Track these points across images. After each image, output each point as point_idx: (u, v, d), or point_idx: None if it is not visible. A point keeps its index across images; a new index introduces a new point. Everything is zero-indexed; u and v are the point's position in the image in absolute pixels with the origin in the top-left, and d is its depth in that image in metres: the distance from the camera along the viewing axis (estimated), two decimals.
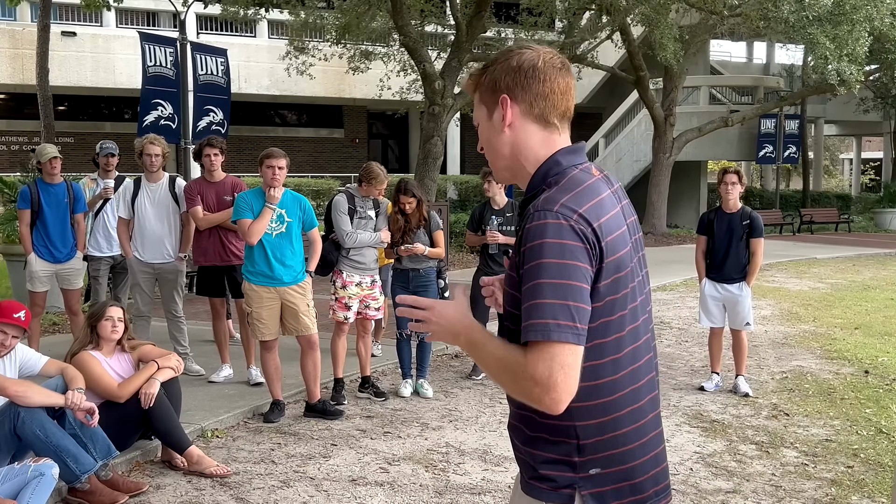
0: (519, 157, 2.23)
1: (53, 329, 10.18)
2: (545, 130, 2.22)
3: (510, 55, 2.22)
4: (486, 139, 2.28)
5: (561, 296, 1.99)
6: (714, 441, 6.54)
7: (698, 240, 8.20)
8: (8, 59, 27.42)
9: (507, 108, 2.20)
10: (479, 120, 2.29)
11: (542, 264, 2.01)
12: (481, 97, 2.26)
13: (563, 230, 2.03)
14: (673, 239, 25.45)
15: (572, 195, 2.09)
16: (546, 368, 1.97)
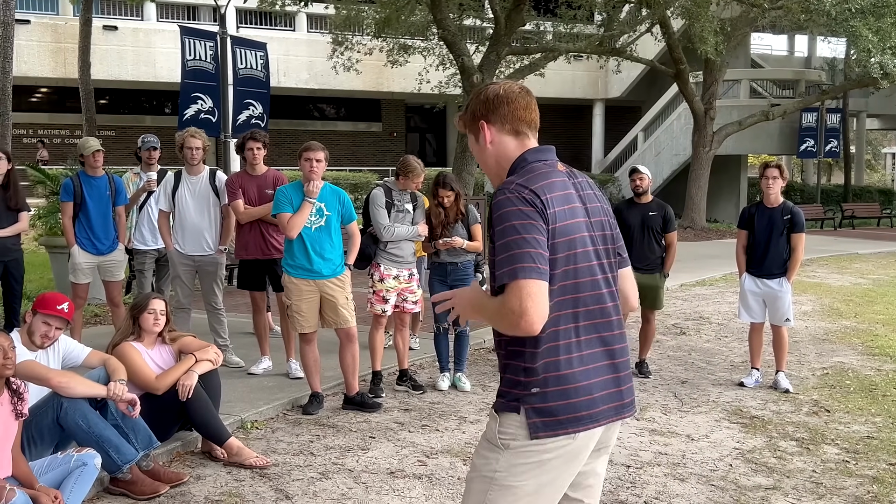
0: (502, 163, 2.93)
1: (95, 320, 10.30)
2: (517, 139, 2.92)
3: (480, 91, 2.96)
4: (479, 157, 3.00)
5: (522, 246, 2.63)
6: (754, 437, 6.49)
7: (739, 234, 8.13)
8: (50, 53, 27.76)
9: (486, 130, 2.92)
10: (471, 146, 3.03)
11: (505, 227, 2.68)
12: (468, 128, 2.98)
13: (517, 200, 2.69)
14: (712, 233, 25.27)
15: (526, 178, 2.77)
16: (517, 300, 2.59)
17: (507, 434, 2.74)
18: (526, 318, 2.58)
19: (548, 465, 2.72)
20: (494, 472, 2.76)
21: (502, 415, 2.76)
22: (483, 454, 2.80)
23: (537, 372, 2.71)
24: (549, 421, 2.69)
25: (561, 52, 21.84)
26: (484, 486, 2.78)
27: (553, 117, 39.21)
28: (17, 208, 7.66)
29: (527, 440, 2.70)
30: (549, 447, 2.71)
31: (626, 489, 5.40)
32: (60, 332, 5.36)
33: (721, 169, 29.02)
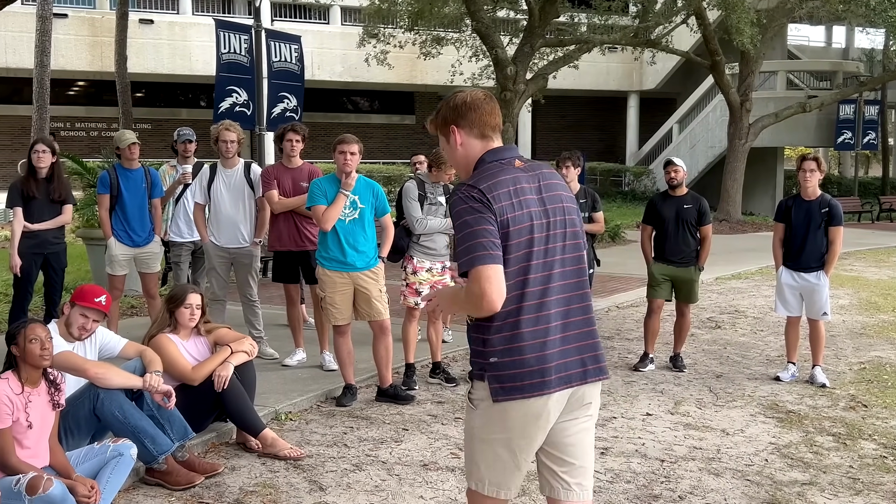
0: (470, 162, 3.31)
1: (132, 312, 10.40)
2: (482, 141, 3.30)
3: (450, 99, 3.34)
4: (450, 157, 3.40)
5: (477, 237, 3.03)
6: (790, 432, 6.44)
7: (776, 227, 8.06)
8: (87, 46, 28.02)
9: (456, 134, 3.30)
10: (442, 146, 3.42)
11: (460, 223, 3.09)
12: (439, 131, 3.37)
13: (467, 199, 3.11)
14: (748, 226, 25.06)
15: (476, 179, 3.17)
16: (478, 285, 3.01)
17: (476, 397, 3.23)
18: (486, 299, 3.00)
19: (511, 423, 3.17)
20: (473, 428, 3.27)
21: (473, 381, 3.26)
22: (467, 415, 3.32)
23: (494, 343, 3.12)
24: (506, 386, 3.11)
25: (595, 44, 21.75)
26: (469, 441, 3.31)
27: (587, 109, 39.11)
28: (61, 200, 7.71)
29: (490, 403, 3.15)
30: (509, 408, 3.13)
31: (661, 483, 5.38)
32: (98, 325, 5.41)
33: (757, 161, 28.77)
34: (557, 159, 8.34)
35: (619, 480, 5.42)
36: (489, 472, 3.26)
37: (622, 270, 14.40)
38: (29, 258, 7.55)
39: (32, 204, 7.57)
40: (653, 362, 8.33)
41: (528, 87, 19.42)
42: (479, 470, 3.27)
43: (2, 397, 4.36)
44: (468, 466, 3.34)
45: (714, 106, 30.90)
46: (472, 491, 3.34)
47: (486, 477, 3.27)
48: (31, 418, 4.46)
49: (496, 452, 3.22)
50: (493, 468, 3.25)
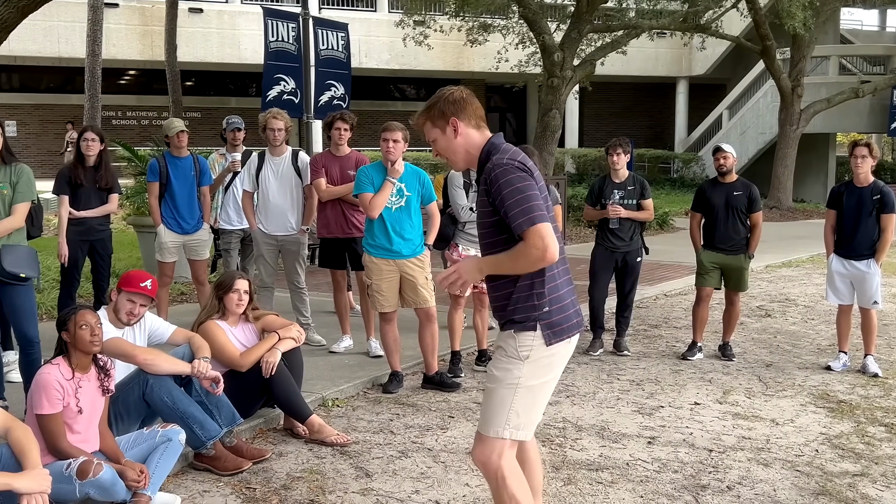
0: (471, 150, 3.69)
1: (181, 298, 10.51)
2: (478, 130, 3.71)
3: (444, 95, 3.70)
4: (446, 147, 3.72)
5: (529, 200, 3.43)
6: (841, 422, 6.34)
7: (827, 214, 7.94)
8: (138, 36, 28.30)
9: (457, 125, 3.67)
10: (434, 137, 3.73)
11: (511, 189, 3.44)
12: (434, 123, 3.70)
13: (513, 169, 3.49)
14: (799, 214, 24.72)
15: (510, 154, 3.57)
16: (540, 240, 3.39)
17: (525, 346, 3.57)
18: (549, 252, 3.39)
19: (553, 365, 3.65)
20: (518, 378, 3.58)
21: (520, 334, 3.57)
22: (504, 366, 3.61)
23: (546, 294, 3.56)
24: (556, 330, 3.58)
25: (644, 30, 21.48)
26: (509, 392, 3.59)
27: (635, 95, 38.77)
28: (107, 188, 7.77)
29: (542, 348, 3.57)
30: (555, 351, 3.61)
31: (709, 474, 5.33)
32: (145, 309, 5.46)
33: (808, 148, 28.32)
34: (607, 146, 8.28)
35: (666, 470, 5.38)
36: (526, 416, 3.63)
37: (670, 258, 14.28)
38: (76, 245, 7.62)
39: (80, 191, 7.62)
40: (701, 351, 8.26)
41: (575, 73, 19.26)
42: (519, 417, 3.61)
43: (52, 382, 4.43)
44: (501, 418, 3.60)
45: (765, 92, 30.44)
46: (499, 441, 3.63)
47: (523, 422, 3.63)
48: (81, 403, 4.53)
49: (536, 396, 3.64)
50: (531, 412, 3.65)
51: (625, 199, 8.14)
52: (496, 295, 3.69)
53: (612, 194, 8.15)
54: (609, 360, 8.12)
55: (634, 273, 8.38)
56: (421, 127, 3.78)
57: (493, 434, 3.63)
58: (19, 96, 30.34)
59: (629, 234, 8.22)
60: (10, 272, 5.70)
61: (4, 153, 5.79)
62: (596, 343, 8.38)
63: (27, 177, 5.88)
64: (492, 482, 3.70)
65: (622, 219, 8.13)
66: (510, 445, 3.66)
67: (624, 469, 5.39)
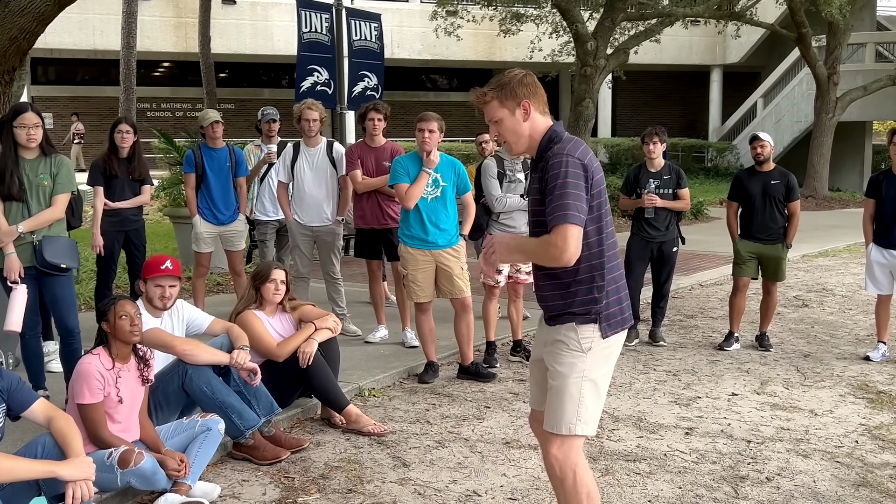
0: (535, 135, 3.63)
1: (218, 289, 10.58)
2: (543, 115, 3.66)
3: (516, 76, 3.66)
4: (511, 128, 3.64)
5: (571, 198, 3.39)
6: (881, 413, 6.28)
7: (866, 203, 7.85)
8: (172, 28, 28.48)
9: (529, 108, 3.61)
10: (500, 117, 3.64)
11: (560, 182, 3.42)
12: (502, 103, 3.63)
13: (572, 165, 3.45)
14: (835, 203, 24.47)
15: (571, 146, 3.51)
16: (563, 240, 3.36)
17: (587, 339, 3.55)
18: (568, 254, 3.38)
19: (610, 357, 3.64)
20: (583, 371, 3.55)
21: (580, 326, 3.55)
22: (568, 360, 3.57)
23: (606, 287, 3.56)
24: (612, 322, 3.58)
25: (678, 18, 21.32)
26: (576, 386, 3.55)
27: (669, 84, 38.51)
28: (140, 180, 7.85)
29: (601, 341, 3.56)
30: (611, 342, 3.61)
31: (747, 465, 5.29)
32: (176, 289, 5.45)
33: (845, 136, 28.00)
34: (643, 135, 8.22)
35: (704, 461, 5.35)
36: (594, 409, 3.61)
37: (705, 248, 14.18)
38: (111, 236, 7.70)
39: (114, 182, 7.70)
40: (738, 341, 8.19)
41: (608, 62, 19.16)
42: (588, 411, 3.57)
43: (93, 372, 4.47)
44: (571, 413, 3.55)
45: (800, 79, 30.15)
46: (572, 438, 3.59)
47: (592, 416, 3.60)
48: (121, 393, 4.57)
49: (598, 388, 3.62)
50: (596, 405, 3.62)
51: (660, 189, 8.08)
52: (550, 284, 3.64)
53: (647, 183, 8.10)
54: (645, 351, 8.08)
55: (670, 263, 8.33)
56: (485, 105, 3.69)
57: (566, 431, 3.57)
58: (55, 89, 30.66)
59: (665, 224, 8.17)
60: (51, 262, 5.76)
61: (45, 145, 5.85)
62: (632, 333, 8.34)
63: (67, 168, 5.94)
64: (567, 481, 3.62)
65: (658, 208, 8.07)
66: (581, 441, 3.65)
67: (662, 460, 5.36)
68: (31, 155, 5.80)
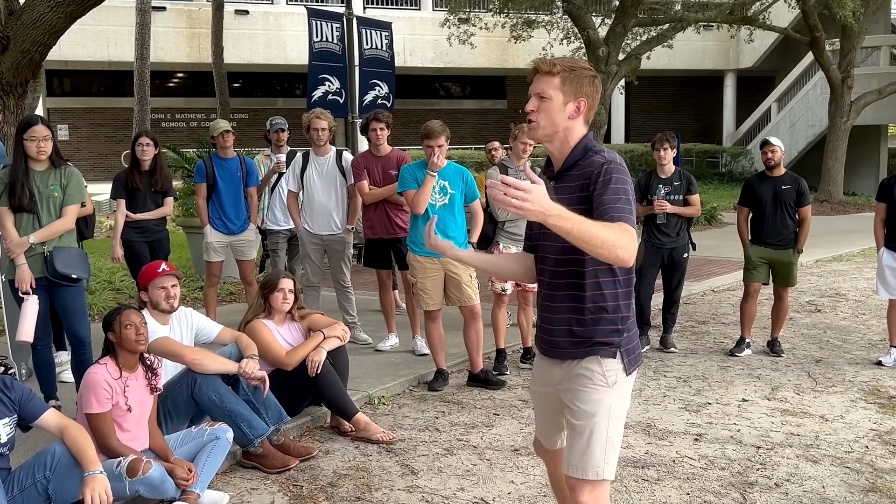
0: (568, 136, 3.30)
1: (230, 298, 10.62)
2: (585, 126, 3.34)
3: (589, 71, 3.31)
4: (552, 112, 3.26)
5: (627, 202, 3.11)
6: (892, 418, 6.25)
7: (878, 207, 7.82)
8: (185, 38, 28.63)
9: (582, 108, 3.29)
10: (550, 96, 3.25)
11: (621, 186, 3.14)
12: (563, 85, 3.24)
13: (627, 177, 3.19)
14: (850, 207, 24.36)
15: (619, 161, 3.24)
16: (628, 237, 2.97)
17: (612, 373, 3.27)
18: (628, 251, 2.95)
19: (629, 391, 3.38)
20: (610, 407, 3.26)
21: (605, 360, 3.26)
22: (594, 398, 3.27)
23: (627, 320, 3.30)
24: (631, 358, 3.32)
25: (690, 23, 21.32)
26: (604, 425, 3.25)
27: (682, 89, 38.45)
28: (163, 192, 7.97)
29: (623, 376, 3.29)
30: (631, 378, 3.35)
31: (757, 470, 5.28)
32: (177, 288, 5.46)
33: (859, 140, 27.90)
34: (653, 141, 8.22)
35: (713, 467, 5.34)
36: (618, 449, 3.34)
37: (718, 253, 14.15)
38: (139, 245, 7.86)
39: (136, 195, 7.84)
40: (749, 347, 8.17)
41: (620, 68, 19.18)
42: (614, 451, 3.30)
43: (100, 382, 4.51)
44: (600, 456, 3.25)
45: (814, 83, 30.05)
46: (602, 483, 3.28)
47: (617, 457, 3.33)
48: (129, 402, 4.60)
49: (622, 428, 3.36)
50: (619, 445, 3.36)
51: (671, 195, 8.08)
52: (566, 308, 3.31)
53: (657, 189, 8.09)
54: (655, 357, 8.06)
55: (681, 269, 8.32)
56: (546, 75, 3.28)
57: (594, 475, 3.23)
58: (70, 100, 30.86)
59: (676, 230, 8.16)
60: (63, 273, 5.82)
61: (55, 156, 5.90)
62: (642, 340, 8.33)
63: (77, 179, 6.00)
64: None
65: (669, 214, 8.06)
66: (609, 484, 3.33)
67: (670, 466, 5.36)
68: (42, 167, 5.86)
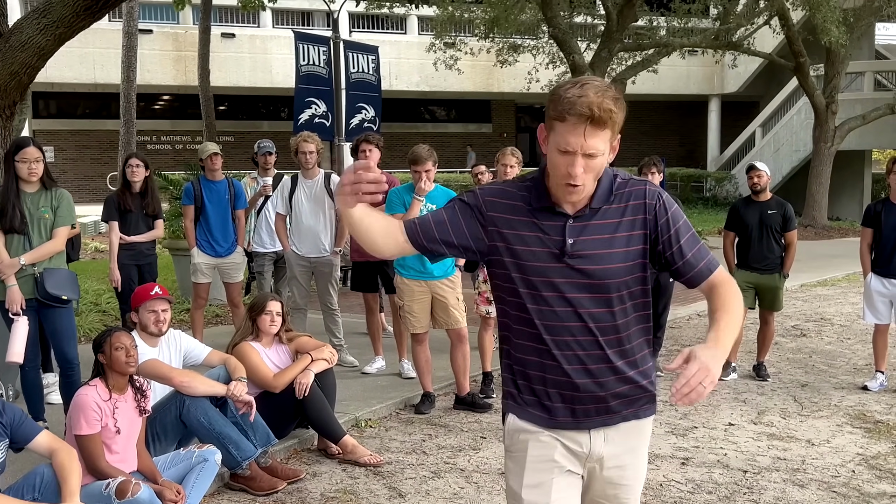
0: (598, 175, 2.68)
1: (216, 321, 10.60)
2: None
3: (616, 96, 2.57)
4: (600, 169, 2.63)
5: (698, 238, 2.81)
6: (878, 443, 6.28)
7: (863, 232, 7.87)
8: (172, 61, 28.66)
9: (616, 146, 2.66)
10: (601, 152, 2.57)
11: (686, 222, 2.77)
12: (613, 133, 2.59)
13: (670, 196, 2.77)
14: (834, 232, 24.52)
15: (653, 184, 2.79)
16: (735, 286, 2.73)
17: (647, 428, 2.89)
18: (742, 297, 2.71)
19: None
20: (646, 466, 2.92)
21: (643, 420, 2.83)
22: (644, 454, 2.88)
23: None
24: None
25: (675, 48, 21.51)
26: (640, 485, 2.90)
27: (667, 114, 38.68)
28: (154, 215, 7.99)
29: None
30: None
31: (743, 495, 5.29)
32: (168, 313, 5.49)
33: (843, 165, 28.11)
34: (640, 165, 8.27)
35: (699, 491, 5.35)
36: None
37: None
38: (128, 269, 7.84)
39: (128, 217, 7.86)
40: (735, 371, 8.20)
41: None
42: None
43: (90, 403, 4.50)
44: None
45: (798, 108, 30.29)
46: None
47: None
48: (118, 424, 4.59)
49: None
50: None
51: None
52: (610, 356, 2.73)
53: None
54: None
55: (667, 293, 8.34)
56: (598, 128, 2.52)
57: None
58: (56, 122, 30.82)
59: None
60: (53, 294, 5.83)
61: (46, 179, 5.92)
62: None
63: (67, 202, 6.01)
64: None
65: None
66: None
67: (657, 490, 5.37)
68: (33, 189, 5.88)
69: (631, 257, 2.70)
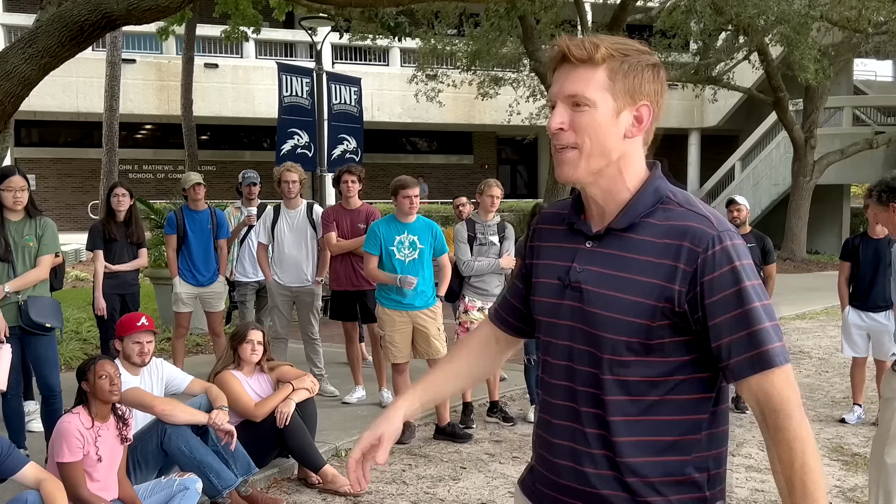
0: (624, 168, 1.98)
1: (197, 350, 10.59)
2: (643, 147, 2.02)
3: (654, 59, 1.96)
4: (598, 127, 1.91)
5: (772, 317, 1.83)
6: (855, 475, 6.33)
7: (841, 266, 7.93)
8: (155, 90, 28.68)
9: (645, 119, 1.95)
10: (593, 100, 1.90)
11: (746, 287, 1.84)
12: (611, 82, 1.91)
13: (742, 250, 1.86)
14: (813, 265, 24.69)
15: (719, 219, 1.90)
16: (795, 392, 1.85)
17: None
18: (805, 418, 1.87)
19: None
20: None
21: None
22: None
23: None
24: None
25: None
26: None
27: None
28: (138, 243, 8.01)
29: None
30: None
31: None
32: (152, 345, 5.53)
33: (822, 199, 28.36)
34: None
35: None
36: None
37: None
38: (112, 298, 7.84)
39: (113, 246, 7.88)
40: None
41: None
42: None
43: (73, 431, 4.51)
44: None
45: (778, 143, 30.57)
46: None
47: None
48: (100, 452, 4.60)
49: None
50: None
51: None
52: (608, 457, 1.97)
53: None
54: None
55: None
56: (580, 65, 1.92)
57: None
58: (38, 150, 30.73)
59: None
60: (37, 322, 5.85)
61: (30, 207, 5.96)
62: None
63: (51, 230, 6.04)
64: None
65: None
66: None
67: None
68: (17, 217, 5.91)
69: (644, 314, 1.88)
